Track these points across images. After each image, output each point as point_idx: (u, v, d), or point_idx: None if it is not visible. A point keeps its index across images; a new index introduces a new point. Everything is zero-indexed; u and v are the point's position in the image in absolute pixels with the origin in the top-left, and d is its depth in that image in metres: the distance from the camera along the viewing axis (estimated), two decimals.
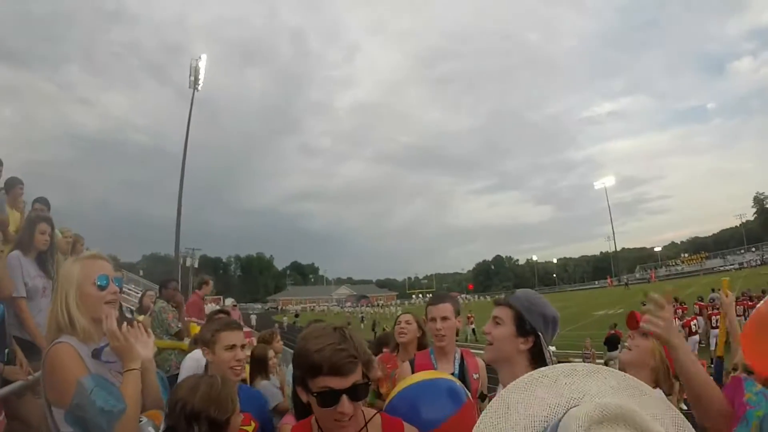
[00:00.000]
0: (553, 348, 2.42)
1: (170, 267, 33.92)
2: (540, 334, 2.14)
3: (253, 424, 2.57)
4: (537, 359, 2.12)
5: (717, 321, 17.48)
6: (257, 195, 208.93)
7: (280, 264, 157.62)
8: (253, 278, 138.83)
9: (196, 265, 40.77)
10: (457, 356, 3.23)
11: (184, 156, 32.54)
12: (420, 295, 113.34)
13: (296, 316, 52.07)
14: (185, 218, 32.34)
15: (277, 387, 4.53)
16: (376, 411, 1.88)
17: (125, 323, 2.17)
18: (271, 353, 4.81)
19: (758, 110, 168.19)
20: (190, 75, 34.91)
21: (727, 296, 3.37)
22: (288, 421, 2.54)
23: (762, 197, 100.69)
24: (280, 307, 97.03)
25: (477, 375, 3.21)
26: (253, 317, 42.73)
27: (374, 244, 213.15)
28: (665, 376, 2.64)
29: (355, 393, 1.62)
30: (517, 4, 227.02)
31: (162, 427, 2.12)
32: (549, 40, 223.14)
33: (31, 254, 4.37)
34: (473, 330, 30.42)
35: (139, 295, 12.14)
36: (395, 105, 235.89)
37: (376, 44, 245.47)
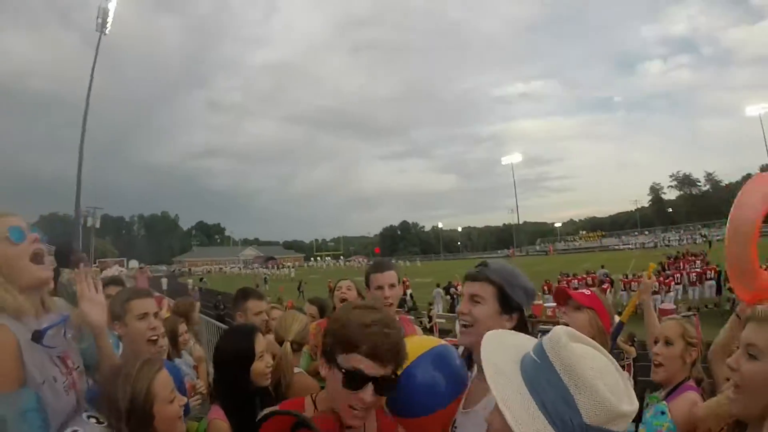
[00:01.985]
0: None
1: (70, 227, 31.98)
2: (523, 309, 1.97)
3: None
4: None
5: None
6: (162, 151, 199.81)
7: (185, 224, 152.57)
8: (158, 239, 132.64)
9: (97, 225, 38.61)
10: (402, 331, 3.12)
11: (86, 107, 30.48)
12: (328, 258, 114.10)
13: (201, 279, 50.38)
14: (85, 175, 30.49)
15: (189, 366, 3.94)
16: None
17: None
18: (182, 327, 4.21)
19: (661, 109, 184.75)
20: (97, 17, 32.25)
21: (649, 278, 3.64)
22: (217, 415, 2.22)
23: (658, 187, 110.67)
24: (187, 269, 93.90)
25: None
26: (164, 281, 39.42)
27: (281, 205, 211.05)
28: (603, 344, 2.83)
29: (383, 385, 1.47)
30: None
31: None
32: (472, 18, 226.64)
33: None
34: (411, 295, 27.44)
35: None
36: (311, 68, 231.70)
37: (296, 4, 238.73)
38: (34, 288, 1.74)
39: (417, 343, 2.06)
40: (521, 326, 1.90)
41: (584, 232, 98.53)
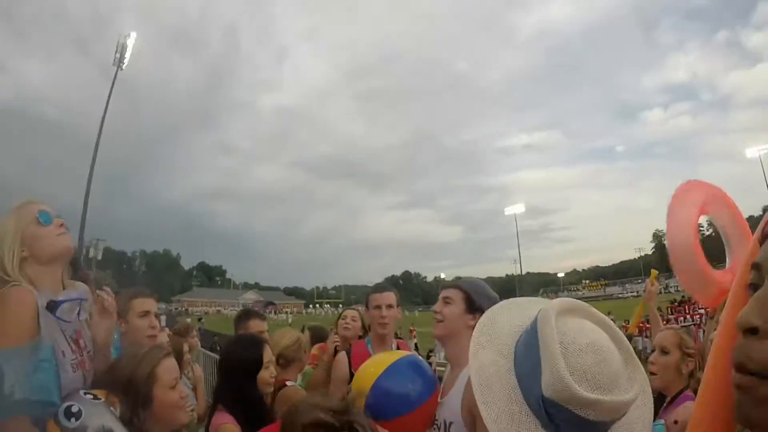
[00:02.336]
0: None
1: (74, 257, 31.76)
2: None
3: None
4: None
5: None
6: (168, 189, 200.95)
7: (186, 263, 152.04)
8: (158, 276, 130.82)
9: (99, 257, 38.53)
10: (393, 347, 3.20)
11: (98, 138, 30.75)
12: (327, 305, 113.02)
13: (200, 319, 50.01)
14: (91, 206, 30.62)
15: (190, 388, 3.94)
16: None
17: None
18: (185, 347, 4.30)
19: (663, 156, 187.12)
20: (116, 52, 33.19)
21: (652, 285, 3.74)
22: (226, 420, 2.27)
23: (660, 234, 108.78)
24: (185, 309, 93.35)
25: None
26: (162, 318, 38.87)
27: (284, 250, 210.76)
28: None
29: None
30: (450, 31, 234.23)
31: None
32: (475, 69, 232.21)
33: None
34: (416, 345, 26.41)
35: None
36: (318, 114, 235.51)
37: (306, 51, 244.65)
38: (59, 258, 1.93)
39: (386, 356, 2.23)
40: None
41: (587, 282, 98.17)
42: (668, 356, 2.65)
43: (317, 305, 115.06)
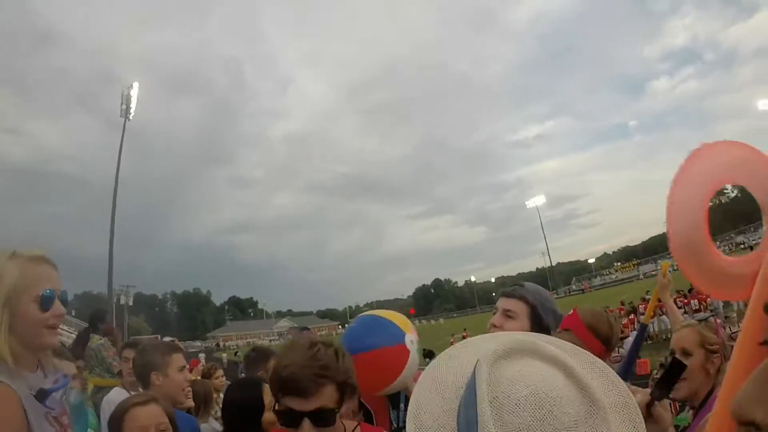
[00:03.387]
0: None
1: (104, 305, 32.42)
2: (551, 332, 2.00)
3: None
4: None
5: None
6: (191, 228, 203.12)
7: (218, 299, 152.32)
8: (191, 315, 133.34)
9: (130, 303, 39.07)
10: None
11: (116, 188, 31.59)
12: None
13: (236, 353, 50.40)
14: (117, 254, 31.11)
15: (218, 431, 3.83)
16: (357, 423, 1.78)
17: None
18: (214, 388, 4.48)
19: (676, 124, 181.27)
20: (121, 103, 34.14)
21: (664, 276, 3.35)
22: None
23: None
24: (221, 344, 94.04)
25: None
26: (202, 356, 38.26)
27: (312, 274, 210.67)
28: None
29: (320, 418, 1.49)
30: (445, 34, 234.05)
31: None
32: (476, 68, 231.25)
33: None
34: None
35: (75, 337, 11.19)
36: (328, 135, 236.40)
37: (309, 75, 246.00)
38: (36, 351, 1.70)
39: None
40: None
41: (619, 264, 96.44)
42: (692, 358, 2.33)
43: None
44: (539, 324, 2.04)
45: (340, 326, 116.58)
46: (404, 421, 2.91)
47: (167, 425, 2.09)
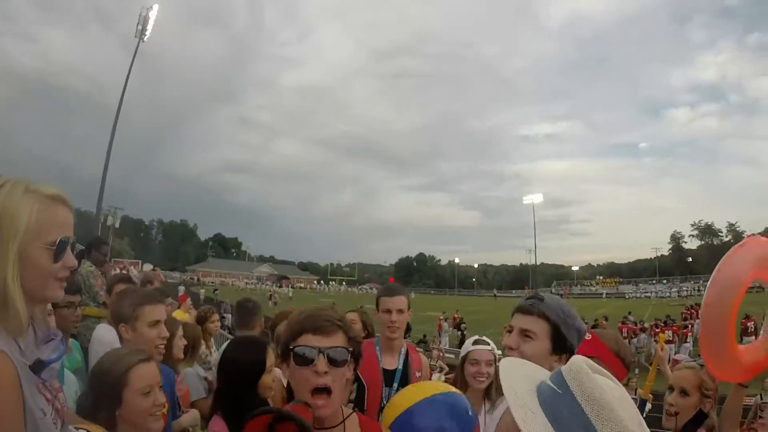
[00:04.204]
0: None
1: (91, 224, 32.26)
2: (574, 352, 1.78)
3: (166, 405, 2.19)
4: None
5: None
6: (186, 161, 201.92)
7: (203, 234, 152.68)
8: (175, 245, 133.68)
9: (117, 225, 38.98)
10: (403, 351, 3.13)
11: (119, 109, 30.99)
12: (342, 283, 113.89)
13: (215, 291, 50.54)
14: (110, 175, 30.91)
15: (202, 377, 3.79)
16: (352, 411, 1.76)
17: None
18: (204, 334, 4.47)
19: (686, 156, 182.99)
20: (138, 24, 33.28)
21: (662, 350, 3.66)
22: (218, 429, 2.16)
23: (679, 236, 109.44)
24: (198, 279, 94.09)
25: (420, 373, 3.10)
26: (181, 288, 35.93)
27: (300, 226, 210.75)
28: None
29: (335, 355, 1.55)
30: (480, 15, 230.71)
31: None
32: (503, 54, 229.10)
33: None
34: (463, 332, 24.89)
35: None
36: (340, 93, 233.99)
37: (332, 29, 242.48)
38: (40, 303, 1.48)
39: (420, 389, 2.00)
40: None
41: (601, 278, 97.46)
42: (688, 398, 2.60)
43: (330, 282, 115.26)
44: (562, 345, 1.79)
45: (318, 281, 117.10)
46: None
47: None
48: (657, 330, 20.75)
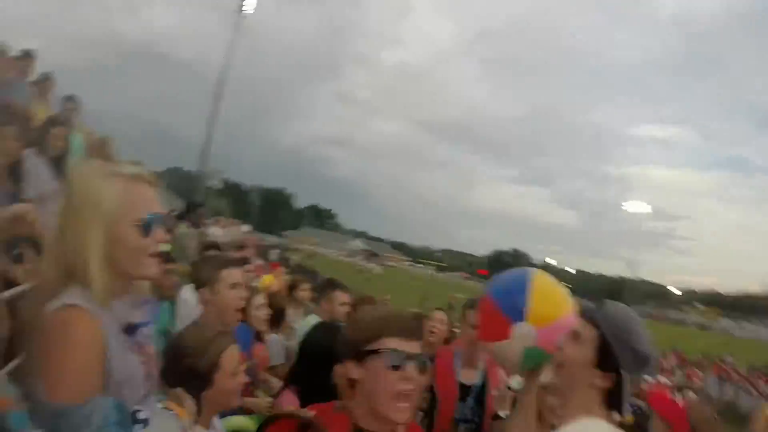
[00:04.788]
0: None
1: (192, 184, 33.70)
2: (623, 374, 1.60)
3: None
4: (612, 405, 1.61)
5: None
6: (288, 132, 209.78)
7: (298, 203, 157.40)
8: (271, 211, 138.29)
9: (218, 186, 40.69)
10: (483, 366, 2.99)
11: (224, 73, 31.88)
12: (430, 266, 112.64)
13: (309, 257, 52.01)
14: (214, 139, 32.19)
15: (284, 345, 3.96)
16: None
17: None
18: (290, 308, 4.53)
19: None
20: None
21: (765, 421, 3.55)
22: (288, 401, 2.27)
23: None
24: (291, 246, 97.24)
25: (496, 392, 2.91)
26: (274, 252, 38.63)
27: (394, 204, 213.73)
28: None
29: (423, 362, 1.48)
30: (588, 5, 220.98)
31: None
32: (611, 48, 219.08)
33: (44, 156, 4.11)
34: None
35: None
36: (439, 75, 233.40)
37: (430, 8, 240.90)
38: (137, 280, 1.53)
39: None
40: (614, 393, 1.60)
41: (701, 306, 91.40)
42: None
43: (421, 264, 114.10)
44: (608, 360, 1.59)
45: (410, 263, 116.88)
46: (467, 415, 2.90)
47: None
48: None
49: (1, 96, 5.45)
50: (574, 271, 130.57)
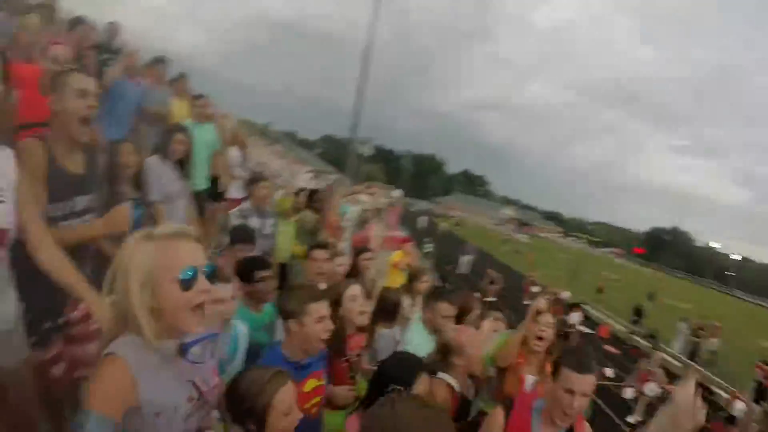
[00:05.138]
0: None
1: (344, 151, 34.48)
2: None
3: None
4: None
5: None
6: (438, 98, 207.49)
7: (450, 169, 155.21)
8: (423, 177, 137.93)
9: (370, 153, 41.54)
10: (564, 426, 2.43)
11: (369, 40, 31.77)
12: (583, 242, 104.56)
13: (456, 224, 51.65)
14: (364, 108, 32.50)
15: (396, 340, 3.76)
16: None
17: None
18: (407, 299, 4.33)
19: None
20: None
21: None
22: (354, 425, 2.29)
23: None
24: (442, 213, 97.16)
25: None
26: (423, 219, 39.16)
27: (548, 172, 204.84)
28: None
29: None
30: None
31: None
32: None
33: (169, 161, 4.45)
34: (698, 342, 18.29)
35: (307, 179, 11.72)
36: (596, 34, 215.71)
37: None
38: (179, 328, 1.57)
39: None
40: None
41: None
42: None
43: (573, 237, 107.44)
44: None
45: (560, 235, 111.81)
46: None
47: None
48: None
49: (144, 105, 6.17)
50: (739, 258, 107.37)
